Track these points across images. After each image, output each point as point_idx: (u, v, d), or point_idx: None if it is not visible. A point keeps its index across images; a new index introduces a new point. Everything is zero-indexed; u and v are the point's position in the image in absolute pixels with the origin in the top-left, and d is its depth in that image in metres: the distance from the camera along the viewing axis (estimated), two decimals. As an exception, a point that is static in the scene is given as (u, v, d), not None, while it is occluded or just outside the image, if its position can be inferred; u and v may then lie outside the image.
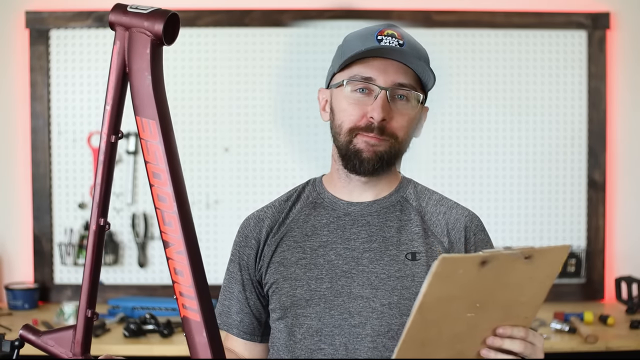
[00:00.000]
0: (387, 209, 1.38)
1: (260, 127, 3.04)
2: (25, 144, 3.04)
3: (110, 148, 0.99)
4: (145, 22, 0.94)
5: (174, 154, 0.95)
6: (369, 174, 1.35)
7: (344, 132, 1.34)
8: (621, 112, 3.07)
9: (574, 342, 2.45)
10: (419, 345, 1.03)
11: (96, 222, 0.99)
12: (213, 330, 0.93)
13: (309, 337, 1.33)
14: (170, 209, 0.93)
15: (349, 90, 1.34)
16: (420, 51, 1.37)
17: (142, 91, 0.94)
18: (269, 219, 1.42)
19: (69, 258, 3.01)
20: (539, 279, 1.05)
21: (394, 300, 1.31)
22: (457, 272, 0.97)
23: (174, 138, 0.96)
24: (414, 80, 1.34)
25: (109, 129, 0.98)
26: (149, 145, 0.94)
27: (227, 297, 1.44)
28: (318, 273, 1.35)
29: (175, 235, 0.93)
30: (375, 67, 1.32)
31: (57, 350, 1.04)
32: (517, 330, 1.09)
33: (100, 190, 0.99)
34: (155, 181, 0.94)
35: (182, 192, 0.94)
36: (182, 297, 0.93)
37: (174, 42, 0.97)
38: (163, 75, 0.95)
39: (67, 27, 3.01)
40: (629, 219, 3.08)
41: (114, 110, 0.97)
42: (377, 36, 1.33)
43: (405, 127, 1.34)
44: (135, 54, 0.95)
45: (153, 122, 0.93)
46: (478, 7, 3.03)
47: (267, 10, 3.02)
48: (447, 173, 3.05)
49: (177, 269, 0.93)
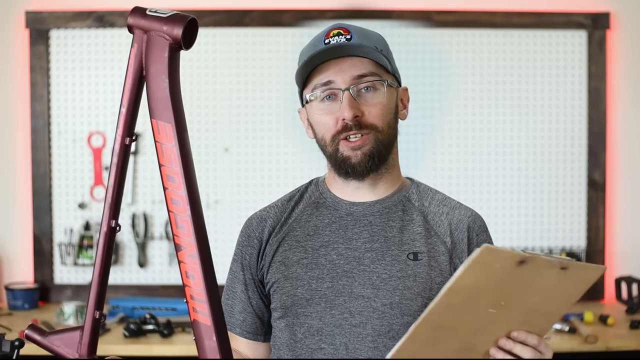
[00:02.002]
0: (389, 209, 1.38)
1: (260, 127, 3.04)
2: (25, 144, 3.04)
3: (124, 150, 0.99)
4: (164, 26, 0.94)
5: (188, 158, 0.95)
6: (365, 176, 1.35)
7: (328, 142, 1.34)
8: (621, 112, 3.07)
9: (574, 342, 2.46)
10: (434, 328, 1.02)
11: (107, 223, 0.99)
12: (222, 334, 0.93)
13: (309, 336, 1.33)
14: (183, 212, 0.93)
15: (317, 102, 1.34)
16: (371, 38, 1.36)
17: (159, 94, 0.94)
18: (271, 219, 1.42)
19: (69, 258, 3.01)
20: (566, 293, 1.06)
21: (396, 300, 1.31)
22: (494, 265, 0.97)
23: (188, 142, 0.96)
24: (374, 67, 1.33)
25: (123, 132, 0.98)
26: (164, 148, 0.94)
27: (229, 297, 1.44)
28: (319, 273, 1.35)
29: (187, 239, 0.93)
30: (330, 70, 1.32)
31: (63, 351, 1.04)
32: (531, 338, 1.09)
33: (113, 192, 0.99)
34: (169, 184, 0.94)
35: (195, 196, 0.95)
36: (192, 300, 0.93)
37: (191, 47, 0.98)
38: (179, 79, 0.95)
39: (67, 27, 3.01)
40: (629, 219, 3.08)
41: (129, 113, 0.97)
42: (324, 40, 1.33)
43: (381, 115, 1.33)
44: (153, 57, 0.94)
45: (169, 125, 0.93)
46: (478, 7, 3.03)
47: (267, 10, 3.02)
48: (447, 173, 3.05)
49: (189, 272, 0.93)
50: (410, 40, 3.01)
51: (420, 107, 2.99)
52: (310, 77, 1.35)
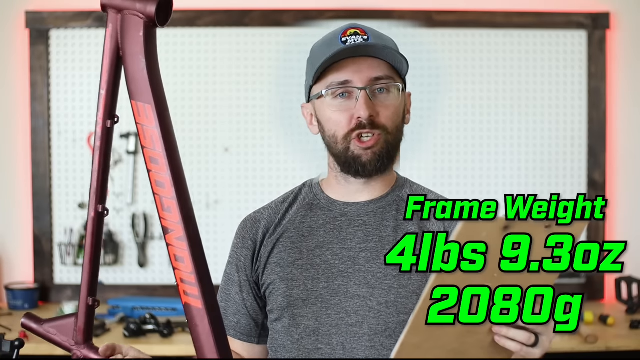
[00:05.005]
0: (383, 209, 1.38)
1: (260, 127, 3.04)
2: (25, 144, 3.04)
3: (107, 133, 0.97)
4: (137, 4, 0.92)
5: (171, 139, 0.93)
6: (372, 175, 1.36)
7: (340, 140, 1.34)
8: (621, 112, 3.07)
9: (574, 342, 2.45)
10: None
11: (94, 208, 0.98)
12: (215, 317, 0.92)
13: (306, 337, 1.33)
14: (168, 195, 0.91)
15: (329, 99, 1.34)
16: (387, 40, 1.37)
17: (136, 75, 0.92)
18: (265, 220, 1.42)
19: (69, 258, 3.01)
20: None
21: (391, 299, 1.31)
22: (480, 235, 0.97)
23: (170, 122, 0.94)
24: (389, 70, 1.35)
25: (104, 114, 0.96)
26: (145, 130, 0.92)
27: (223, 299, 1.44)
28: (315, 273, 1.35)
29: (174, 221, 0.91)
30: (348, 69, 1.32)
31: (59, 338, 1.04)
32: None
33: (98, 177, 0.98)
34: (152, 166, 0.92)
35: (180, 177, 0.93)
36: (183, 283, 0.92)
37: (167, 23, 0.95)
38: (157, 58, 0.93)
39: (67, 27, 3.02)
40: (629, 219, 3.08)
41: (109, 95, 0.96)
42: (341, 38, 1.33)
43: (392, 117, 1.35)
44: (128, 38, 0.92)
45: (149, 106, 0.91)
46: (478, 7, 3.03)
47: (267, 10, 3.02)
48: (447, 173, 3.05)
49: (178, 255, 0.92)
50: (410, 40, 3.01)
51: (420, 107, 2.99)
52: (325, 74, 1.34)
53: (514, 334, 1.07)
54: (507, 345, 1.08)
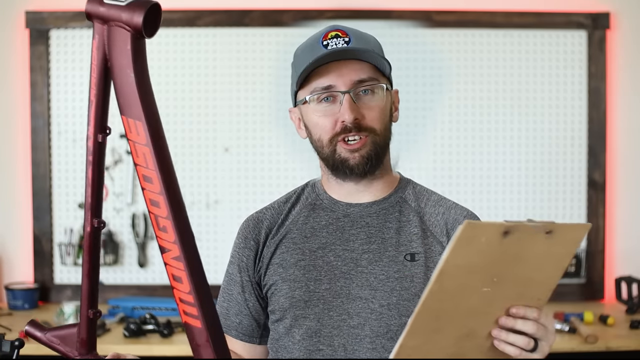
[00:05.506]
0: (386, 210, 1.38)
1: (260, 127, 3.04)
2: (25, 144, 3.04)
3: (99, 147, 0.94)
4: (123, 15, 0.86)
5: (165, 157, 0.88)
6: (362, 177, 1.36)
7: (325, 144, 1.35)
8: (621, 112, 3.07)
9: (574, 342, 2.45)
10: (431, 318, 1.01)
11: (90, 223, 0.96)
12: (216, 336, 0.90)
13: (307, 338, 1.33)
14: (163, 214, 0.87)
15: (314, 104, 1.35)
16: (369, 41, 1.36)
17: (125, 89, 0.87)
18: (267, 220, 1.42)
19: (69, 258, 3.01)
20: (556, 257, 1.04)
21: (393, 301, 1.31)
22: (479, 240, 0.96)
23: (164, 139, 0.89)
24: (372, 71, 1.34)
25: (95, 128, 0.93)
26: (137, 147, 0.88)
27: (225, 299, 1.44)
28: (317, 274, 1.35)
29: (170, 241, 0.88)
30: (331, 74, 1.33)
31: (63, 348, 1.03)
32: (531, 311, 1.06)
33: (92, 191, 0.95)
34: (146, 185, 0.88)
35: (175, 196, 0.88)
36: (182, 303, 0.89)
37: (155, 34, 0.90)
38: (147, 70, 0.89)
39: (67, 27, 3.01)
40: (629, 219, 3.08)
41: (99, 108, 0.92)
42: (322, 42, 1.34)
43: (379, 118, 1.34)
44: (115, 50, 0.88)
45: (139, 123, 0.87)
46: (478, 7, 3.03)
47: (267, 10, 3.02)
48: (447, 173, 3.05)
49: (175, 275, 0.89)
50: (410, 40, 3.01)
51: (420, 107, 2.99)
52: (308, 79, 1.35)
53: (513, 338, 1.07)
54: (506, 350, 1.07)
